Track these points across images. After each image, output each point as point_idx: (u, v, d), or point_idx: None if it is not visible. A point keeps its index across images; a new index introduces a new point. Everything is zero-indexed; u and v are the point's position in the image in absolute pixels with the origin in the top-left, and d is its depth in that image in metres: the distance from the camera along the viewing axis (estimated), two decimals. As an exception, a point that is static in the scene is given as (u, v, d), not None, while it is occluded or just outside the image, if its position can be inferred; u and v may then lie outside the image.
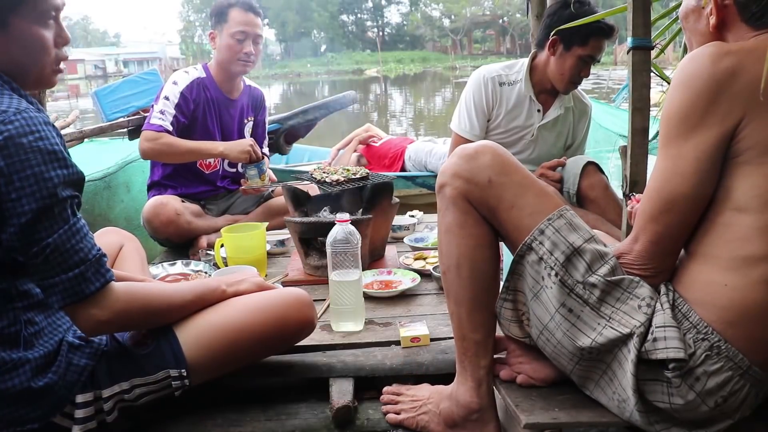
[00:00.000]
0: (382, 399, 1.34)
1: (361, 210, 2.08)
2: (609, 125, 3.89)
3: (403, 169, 3.54)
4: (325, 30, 61.52)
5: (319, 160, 3.98)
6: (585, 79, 2.32)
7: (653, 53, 1.39)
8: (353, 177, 2.11)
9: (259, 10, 2.47)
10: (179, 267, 2.07)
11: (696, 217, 1.01)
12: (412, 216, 2.63)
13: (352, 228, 1.59)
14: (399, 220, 2.44)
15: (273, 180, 2.64)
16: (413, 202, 3.19)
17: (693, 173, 0.97)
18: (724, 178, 0.98)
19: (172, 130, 2.35)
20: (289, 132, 3.24)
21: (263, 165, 2.48)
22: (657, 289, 1.04)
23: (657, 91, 2.45)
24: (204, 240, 2.37)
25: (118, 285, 1.11)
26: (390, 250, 2.22)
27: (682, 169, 0.98)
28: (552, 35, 2.17)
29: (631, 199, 1.35)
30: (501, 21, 53.19)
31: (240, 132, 2.59)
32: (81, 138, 2.81)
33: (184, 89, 2.40)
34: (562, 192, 2.31)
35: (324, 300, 1.77)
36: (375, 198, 2.05)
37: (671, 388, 0.98)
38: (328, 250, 1.58)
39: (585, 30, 2.11)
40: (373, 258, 2.09)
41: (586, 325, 1.03)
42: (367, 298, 1.76)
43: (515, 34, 49.67)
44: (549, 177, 2.33)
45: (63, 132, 2.60)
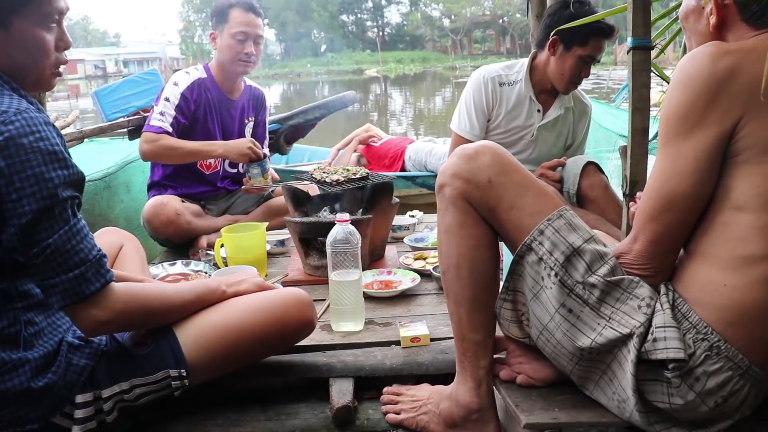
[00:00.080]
0: (382, 399, 1.34)
1: (361, 210, 2.08)
2: (609, 125, 3.88)
3: (403, 169, 3.54)
4: (325, 30, 61.51)
5: (319, 160, 3.98)
6: (585, 79, 2.32)
7: (653, 53, 1.39)
8: (353, 177, 2.11)
9: (260, 10, 2.47)
10: (179, 267, 2.07)
11: (695, 216, 1.01)
12: (412, 216, 2.63)
13: (352, 228, 1.59)
14: (399, 220, 2.44)
15: (275, 179, 2.64)
16: (413, 202, 3.19)
17: (692, 172, 0.97)
18: (723, 177, 0.98)
19: (172, 131, 2.35)
20: (289, 132, 3.24)
21: (266, 164, 2.48)
22: (657, 289, 1.04)
23: (657, 91, 2.45)
24: (204, 240, 2.37)
25: (118, 285, 1.11)
26: (390, 250, 2.22)
27: (681, 169, 0.98)
28: (552, 35, 2.17)
29: (634, 201, 1.35)
30: (501, 21, 53.18)
31: (240, 132, 2.59)
32: (81, 138, 2.81)
33: (185, 90, 2.40)
34: (562, 192, 2.31)
35: (324, 300, 1.77)
36: (375, 198, 2.05)
37: (671, 388, 0.98)
38: (328, 250, 1.58)
39: (585, 30, 2.11)
40: (373, 258, 2.09)
41: (586, 325, 1.03)
42: (367, 298, 1.76)
43: (515, 34, 49.65)
44: (549, 177, 2.33)
45: (63, 132, 2.59)
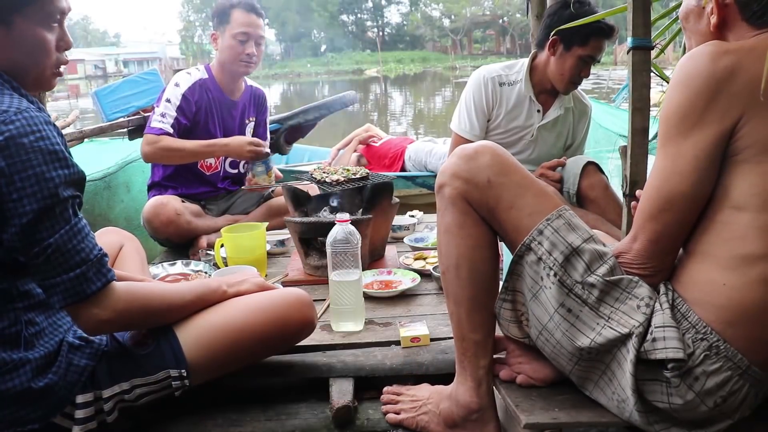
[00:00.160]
0: (382, 399, 1.34)
1: (361, 210, 2.08)
2: (609, 125, 3.88)
3: (403, 169, 3.54)
4: (325, 30, 61.47)
5: (319, 160, 3.97)
6: (585, 79, 2.32)
7: (653, 53, 1.39)
8: (353, 177, 2.11)
9: (261, 11, 2.47)
10: (179, 267, 2.07)
11: (695, 215, 1.01)
12: (412, 216, 2.63)
13: (352, 228, 1.59)
14: (399, 220, 2.44)
15: (279, 177, 2.64)
16: (413, 202, 3.19)
17: (692, 172, 0.97)
18: (723, 176, 0.98)
19: (172, 132, 2.35)
20: (289, 132, 3.24)
21: (271, 162, 2.47)
22: (656, 289, 1.04)
23: (657, 91, 2.45)
24: (204, 240, 2.37)
25: (119, 285, 1.11)
26: (390, 250, 2.22)
27: (680, 168, 0.98)
28: (552, 35, 2.17)
29: (635, 200, 1.35)
30: (501, 21, 53.17)
31: (241, 133, 2.58)
32: (81, 138, 2.81)
33: (186, 91, 2.40)
34: (562, 192, 2.31)
35: (324, 300, 1.77)
36: (375, 198, 2.05)
37: (670, 388, 0.98)
38: (328, 250, 1.58)
39: (585, 30, 2.11)
40: (373, 258, 2.09)
41: (585, 325, 1.03)
42: (367, 298, 1.76)
43: (515, 34, 49.65)
44: (549, 177, 2.33)
45: (63, 132, 2.60)
